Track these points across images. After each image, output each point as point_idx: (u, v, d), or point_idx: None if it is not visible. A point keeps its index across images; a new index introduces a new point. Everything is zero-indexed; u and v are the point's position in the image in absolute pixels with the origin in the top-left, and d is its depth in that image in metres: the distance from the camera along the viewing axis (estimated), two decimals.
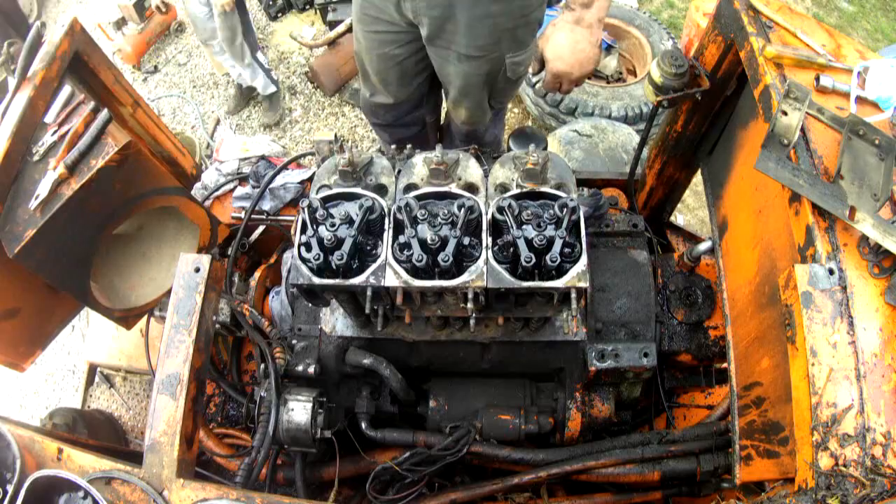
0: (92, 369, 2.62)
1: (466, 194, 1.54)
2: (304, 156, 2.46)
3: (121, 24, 4.83)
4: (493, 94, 2.54)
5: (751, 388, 1.54)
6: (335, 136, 1.92)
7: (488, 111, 2.66)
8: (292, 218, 2.29)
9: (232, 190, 2.40)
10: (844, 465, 1.10)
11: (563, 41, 1.91)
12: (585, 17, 1.88)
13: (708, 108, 1.91)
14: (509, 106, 4.57)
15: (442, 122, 3.06)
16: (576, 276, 1.41)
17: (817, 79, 1.51)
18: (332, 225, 1.48)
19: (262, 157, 2.44)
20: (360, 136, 4.55)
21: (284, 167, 2.35)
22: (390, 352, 1.87)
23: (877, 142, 1.38)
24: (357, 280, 1.45)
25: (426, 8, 2.17)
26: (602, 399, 1.92)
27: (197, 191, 2.36)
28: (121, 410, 2.54)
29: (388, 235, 1.49)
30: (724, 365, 2.03)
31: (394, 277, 1.45)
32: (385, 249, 1.47)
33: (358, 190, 1.56)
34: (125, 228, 1.93)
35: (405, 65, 2.54)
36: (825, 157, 1.38)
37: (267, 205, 2.32)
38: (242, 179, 2.39)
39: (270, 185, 2.32)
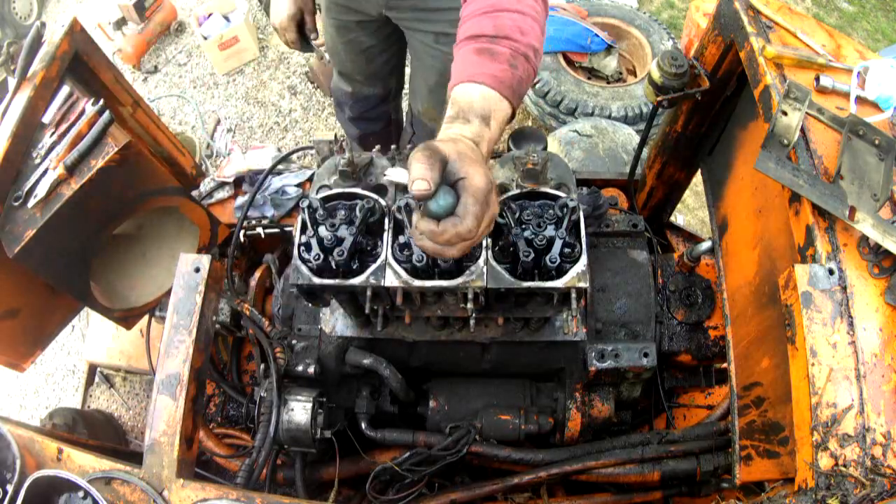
0: (92, 369, 2.62)
1: None
2: (295, 152, 2.46)
3: (121, 24, 4.83)
4: None
5: (751, 388, 1.54)
6: (335, 136, 1.92)
7: None
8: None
9: (232, 196, 2.40)
10: (844, 465, 1.10)
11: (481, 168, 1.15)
12: (485, 136, 1.24)
13: (708, 108, 1.91)
14: None
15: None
16: (576, 276, 1.41)
17: (817, 79, 1.51)
18: (332, 225, 1.48)
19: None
20: None
21: (277, 164, 2.34)
22: (390, 352, 1.87)
23: (877, 142, 1.38)
24: (357, 280, 1.45)
25: None
26: (602, 399, 1.92)
27: None
28: (121, 410, 2.54)
29: (388, 235, 1.49)
30: (724, 365, 2.03)
31: (394, 277, 1.44)
32: (385, 249, 1.47)
33: (358, 190, 1.56)
34: (125, 228, 1.93)
35: (371, 53, 2.57)
36: (825, 157, 1.38)
37: (269, 211, 2.32)
38: (238, 185, 2.39)
39: (271, 193, 2.32)
